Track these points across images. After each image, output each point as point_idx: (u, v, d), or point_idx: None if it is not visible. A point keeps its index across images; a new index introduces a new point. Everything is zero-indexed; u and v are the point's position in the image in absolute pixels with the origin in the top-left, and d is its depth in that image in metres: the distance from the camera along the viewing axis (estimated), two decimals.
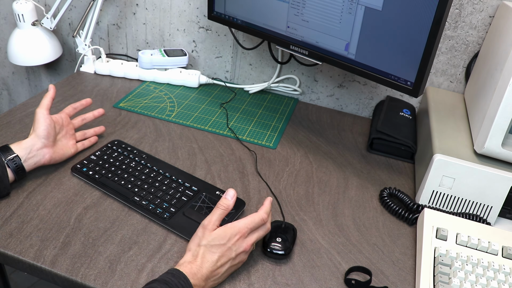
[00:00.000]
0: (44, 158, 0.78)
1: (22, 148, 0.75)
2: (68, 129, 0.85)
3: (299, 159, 0.94)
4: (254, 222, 0.65)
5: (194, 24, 1.20)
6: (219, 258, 0.62)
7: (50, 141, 0.79)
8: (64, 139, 0.84)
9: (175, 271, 0.59)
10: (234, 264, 0.64)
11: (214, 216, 0.65)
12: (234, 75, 1.24)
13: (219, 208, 0.66)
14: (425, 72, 0.75)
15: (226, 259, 0.62)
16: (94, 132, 0.92)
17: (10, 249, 0.66)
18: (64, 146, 0.83)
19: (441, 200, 0.81)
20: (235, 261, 0.64)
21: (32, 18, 1.19)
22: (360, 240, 0.75)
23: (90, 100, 0.91)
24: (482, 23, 0.96)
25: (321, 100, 1.19)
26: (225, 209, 0.66)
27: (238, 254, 0.64)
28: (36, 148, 0.77)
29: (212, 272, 0.61)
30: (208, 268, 0.61)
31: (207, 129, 1.01)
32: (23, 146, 0.76)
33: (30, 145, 0.76)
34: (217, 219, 0.65)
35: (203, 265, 0.61)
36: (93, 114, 0.92)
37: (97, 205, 0.76)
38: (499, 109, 0.73)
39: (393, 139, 0.95)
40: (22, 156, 0.75)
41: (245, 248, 0.64)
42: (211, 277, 0.61)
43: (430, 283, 0.65)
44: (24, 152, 0.75)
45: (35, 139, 0.77)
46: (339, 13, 0.83)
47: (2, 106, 1.63)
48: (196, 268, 0.60)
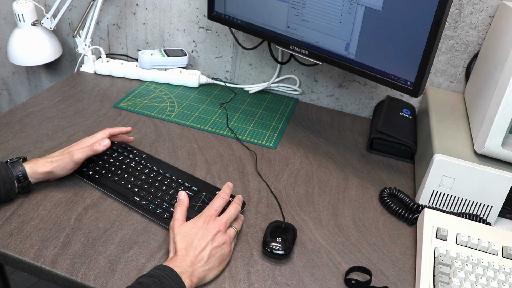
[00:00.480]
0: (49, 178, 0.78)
1: (35, 177, 0.74)
2: None
3: (299, 159, 0.94)
4: (216, 204, 0.70)
5: (194, 24, 1.20)
6: (197, 243, 0.64)
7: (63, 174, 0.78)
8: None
9: (160, 265, 0.61)
10: (215, 245, 0.65)
11: (176, 214, 0.69)
12: (234, 75, 1.24)
13: (177, 206, 0.71)
14: (425, 72, 0.75)
15: (204, 242, 0.64)
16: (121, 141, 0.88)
17: (10, 249, 0.66)
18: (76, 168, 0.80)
19: (441, 200, 0.81)
20: (216, 242, 0.65)
21: (32, 18, 1.19)
22: (360, 240, 0.75)
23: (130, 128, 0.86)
24: (482, 23, 0.96)
25: (321, 100, 1.19)
26: (182, 204, 0.71)
27: (215, 235, 0.65)
28: (49, 178, 0.77)
29: (195, 258, 0.63)
30: (189, 254, 0.63)
31: (207, 129, 1.01)
32: (37, 174, 0.74)
33: (44, 176, 0.76)
34: (179, 215, 0.69)
35: (184, 254, 0.63)
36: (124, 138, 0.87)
37: (97, 205, 0.76)
38: (499, 109, 0.73)
39: (393, 139, 0.95)
40: (33, 182, 0.75)
41: (219, 228, 0.66)
42: (197, 262, 0.62)
43: (430, 283, 0.65)
44: (35, 180, 0.75)
45: (52, 174, 0.76)
46: (339, 13, 0.83)
47: (2, 106, 1.63)
48: (180, 258, 0.62)
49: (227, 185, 0.75)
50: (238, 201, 0.73)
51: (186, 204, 0.71)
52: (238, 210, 0.72)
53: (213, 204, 0.70)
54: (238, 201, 0.73)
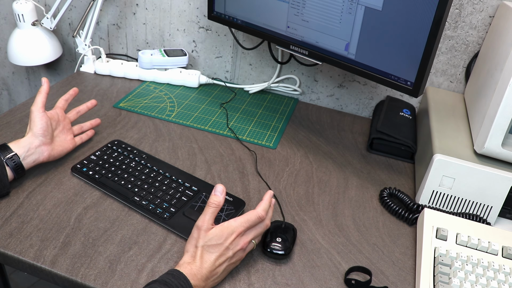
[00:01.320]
0: (43, 155, 0.78)
1: (20, 147, 0.75)
2: (64, 124, 0.85)
3: (299, 159, 0.94)
4: (251, 221, 0.65)
5: (194, 24, 1.20)
6: (217, 258, 0.62)
7: (47, 139, 0.79)
8: (62, 135, 0.84)
9: (175, 271, 0.59)
10: (232, 262, 0.64)
11: (207, 216, 0.64)
12: (234, 75, 1.24)
13: (210, 206, 0.65)
14: (425, 72, 0.75)
15: (224, 258, 0.62)
16: (91, 125, 0.92)
17: (10, 249, 0.66)
18: (62, 142, 0.83)
19: (441, 200, 0.81)
20: (233, 260, 0.64)
21: (32, 18, 1.19)
22: (360, 240, 0.75)
23: (76, 89, 0.90)
24: (482, 23, 0.96)
25: (321, 100, 1.19)
26: (217, 206, 0.65)
27: (236, 252, 0.64)
28: (34, 146, 0.77)
29: (211, 272, 0.61)
30: (207, 268, 0.61)
31: (207, 129, 1.01)
32: (21, 144, 0.76)
33: (28, 143, 0.76)
34: (210, 218, 0.64)
35: (202, 266, 0.61)
36: (86, 106, 0.92)
37: (97, 205, 0.76)
38: (499, 109, 0.73)
39: (393, 139, 0.95)
40: (20, 155, 0.75)
41: (242, 246, 0.64)
42: (211, 277, 0.61)
43: (430, 283, 0.65)
44: (22, 150, 0.75)
45: (32, 138, 0.77)
46: (339, 13, 0.83)
47: (2, 106, 1.63)
48: (196, 269, 0.60)
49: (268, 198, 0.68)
50: (269, 217, 0.68)
51: (220, 206, 0.65)
52: (266, 228, 0.68)
53: (248, 220, 0.64)
54: (269, 216, 0.68)
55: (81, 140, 0.89)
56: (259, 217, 0.65)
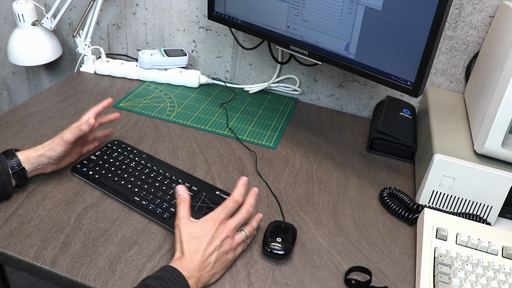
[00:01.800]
0: (46, 170, 0.79)
1: (30, 163, 0.75)
2: (82, 141, 0.84)
3: (299, 159, 0.94)
4: (228, 207, 0.67)
5: (194, 24, 1.20)
6: (206, 248, 0.63)
7: (57, 161, 0.79)
8: (75, 148, 0.83)
9: (168, 267, 0.60)
10: (222, 251, 0.64)
11: (180, 213, 0.67)
12: (234, 75, 1.24)
13: (179, 204, 0.68)
14: (425, 72, 0.75)
15: (212, 247, 0.63)
16: (103, 135, 0.89)
17: (10, 249, 0.66)
18: (70, 158, 0.82)
19: (441, 200, 0.81)
20: (222, 248, 0.64)
21: (32, 18, 1.19)
22: (360, 240, 0.75)
23: (111, 99, 0.84)
24: (482, 23, 0.96)
25: (321, 100, 1.19)
26: (184, 201, 0.68)
27: (223, 240, 0.64)
28: (43, 164, 0.77)
29: (203, 263, 0.62)
30: (197, 259, 0.62)
31: (207, 129, 1.01)
32: (30, 160, 0.75)
33: (37, 160, 0.76)
34: (184, 213, 0.67)
35: (192, 257, 0.62)
36: (109, 119, 0.86)
37: (97, 205, 0.76)
38: (499, 109, 0.73)
39: (393, 139, 0.95)
40: (28, 169, 0.75)
41: (228, 234, 0.65)
42: (204, 267, 0.62)
43: (430, 283, 0.65)
44: (30, 166, 0.75)
45: (44, 157, 0.76)
46: (339, 13, 0.83)
47: (2, 106, 1.63)
48: (187, 262, 0.61)
49: (242, 183, 0.70)
50: (251, 203, 0.70)
51: (188, 200, 0.69)
52: (250, 213, 0.69)
53: (224, 206, 0.67)
54: (250, 202, 0.70)
55: (87, 150, 0.87)
56: (235, 201, 0.68)
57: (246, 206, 0.69)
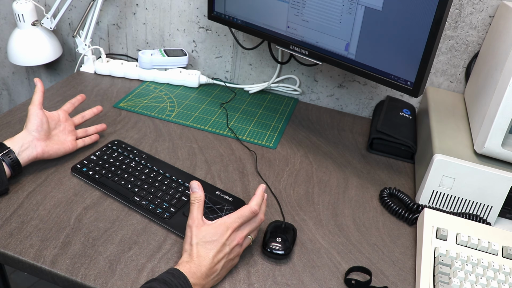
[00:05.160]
0: (36, 150, 0.78)
1: (15, 142, 0.77)
2: (66, 125, 0.86)
3: (299, 159, 0.94)
4: (244, 216, 0.65)
5: (194, 24, 1.20)
6: (215, 254, 0.62)
7: (41, 135, 0.79)
8: (62, 135, 0.84)
9: (175, 270, 0.59)
10: (230, 258, 0.64)
11: (194, 213, 0.65)
12: (234, 75, 1.24)
13: (193, 203, 0.66)
14: (425, 72, 0.75)
15: (222, 254, 0.63)
16: (96, 130, 0.92)
17: (10, 249, 0.66)
18: (60, 141, 0.83)
19: (441, 200, 0.81)
20: (231, 255, 0.64)
21: (32, 18, 1.19)
22: (360, 240, 0.75)
23: (83, 95, 0.93)
24: (482, 23, 0.96)
25: (321, 100, 1.19)
26: (199, 201, 0.66)
27: (232, 248, 0.64)
28: (28, 141, 0.78)
29: (210, 270, 0.61)
30: (206, 265, 0.61)
31: (207, 129, 1.01)
32: (15, 140, 0.77)
33: (21, 138, 0.77)
34: (197, 214, 0.65)
35: (201, 263, 0.61)
36: (92, 112, 0.93)
37: (97, 205, 0.76)
38: (499, 109, 0.73)
39: (393, 139, 0.95)
40: (15, 150, 0.76)
41: (238, 242, 0.65)
42: (211, 274, 0.61)
43: (430, 283, 0.65)
44: (16, 146, 0.76)
45: (25, 133, 0.78)
46: (339, 13, 0.83)
47: (2, 106, 1.63)
48: (195, 267, 0.60)
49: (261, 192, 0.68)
50: (263, 211, 0.69)
51: (203, 199, 0.67)
52: (262, 222, 0.69)
53: (241, 215, 0.65)
54: (263, 210, 0.69)
55: (83, 143, 0.88)
56: (253, 211, 0.66)
57: (260, 215, 0.68)
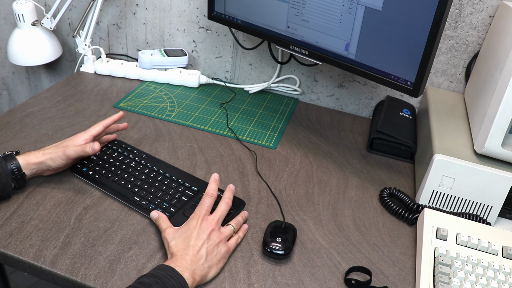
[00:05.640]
0: (45, 174, 0.79)
1: (29, 168, 0.74)
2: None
3: (299, 159, 0.94)
4: (205, 203, 0.70)
5: (194, 24, 1.20)
6: (194, 243, 0.65)
7: (56, 170, 0.79)
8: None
9: (161, 265, 0.61)
10: (211, 243, 0.65)
11: (162, 225, 0.69)
12: (234, 75, 1.24)
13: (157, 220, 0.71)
14: (425, 72, 0.75)
15: (200, 241, 0.65)
16: (106, 140, 0.89)
17: (10, 249, 0.66)
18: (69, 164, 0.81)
19: (441, 200, 0.81)
20: (211, 241, 0.66)
21: (32, 18, 1.19)
22: (360, 240, 0.75)
23: (122, 113, 0.86)
24: (482, 23, 0.96)
25: (321, 100, 1.19)
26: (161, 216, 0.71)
27: (209, 234, 0.66)
28: (41, 169, 0.77)
29: (194, 256, 0.63)
30: (188, 254, 0.63)
31: (207, 129, 1.01)
32: (30, 165, 0.74)
33: (37, 167, 0.75)
34: (166, 225, 0.69)
35: (183, 254, 0.63)
36: (117, 127, 0.89)
37: (97, 205, 0.76)
38: (499, 109, 0.73)
39: (393, 139, 0.95)
40: (27, 174, 0.75)
41: (212, 227, 0.67)
42: (197, 260, 0.63)
43: (430, 283, 0.65)
44: (29, 172, 0.75)
45: (43, 165, 0.76)
46: (339, 13, 0.83)
47: (2, 106, 1.63)
48: (179, 258, 0.62)
49: (212, 180, 0.74)
50: (228, 196, 0.73)
51: (163, 215, 0.71)
52: (229, 205, 0.72)
53: (202, 203, 0.70)
54: (228, 195, 0.73)
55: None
56: (210, 195, 0.71)
57: (224, 199, 0.72)
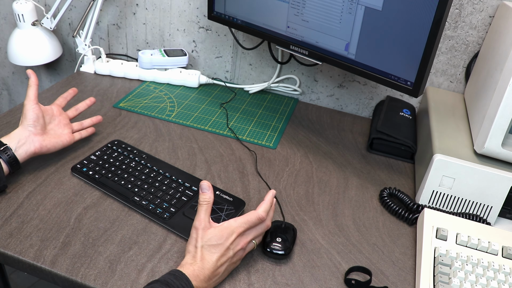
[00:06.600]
0: (34, 145, 0.78)
1: (11, 139, 0.76)
2: (61, 119, 0.86)
3: (299, 159, 0.94)
4: (251, 221, 0.65)
5: (194, 24, 1.20)
6: (219, 258, 0.62)
7: (38, 129, 0.79)
8: (58, 128, 0.84)
9: (177, 272, 0.59)
10: (232, 262, 0.64)
11: (201, 214, 0.64)
12: (234, 75, 1.24)
13: (202, 205, 0.65)
14: (425, 72, 0.75)
15: (225, 258, 0.62)
16: (91, 122, 0.92)
17: (10, 249, 0.66)
18: (56, 135, 0.83)
19: (441, 200, 0.81)
20: (234, 259, 0.64)
21: (32, 18, 1.19)
22: (360, 240, 0.75)
23: (75, 89, 0.93)
24: (482, 23, 0.96)
25: (321, 100, 1.19)
26: (208, 203, 0.65)
27: (236, 252, 0.64)
28: (25, 137, 0.78)
29: (213, 273, 0.61)
30: (209, 268, 0.61)
31: (207, 129, 1.01)
32: (11, 137, 0.77)
33: (17, 134, 0.77)
34: (205, 216, 0.64)
35: (204, 266, 0.61)
36: (85, 104, 0.93)
37: (97, 205, 0.76)
38: (499, 109, 0.73)
39: (393, 139, 0.95)
40: (12, 146, 0.75)
41: (242, 246, 0.64)
42: (213, 277, 0.61)
43: (430, 283, 0.65)
44: (13, 142, 0.76)
45: (22, 129, 0.78)
46: (339, 13, 0.83)
47: (2, 106, 1.63)
48: (198, 270, 0.60)
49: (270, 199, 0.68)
50: (271, 217, 0.69)
51: (211, 202, 0.66)
52: (268, 228, 0.69)
53: (248, 220, 0.65)
54: (270, 217, 0.69)
55: (80, 136, 0.88)
56: (260, 218, 0.66)
57: (266, 221, 0.68)
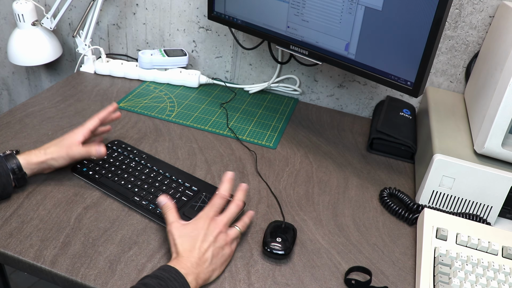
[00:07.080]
0: (45, 172, 0.79)
1: (30, 168, 0.75)
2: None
3: (299, 159, 0.94)
4: (216, 204, 0.68)
5: (194, 24, 1.20)
6: (200, 245, 0.64)
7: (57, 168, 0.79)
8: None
9: (165, 266, 0.60)
10: (217, 246, 0.65)
11: (169, 219, 0.67)
12: (234, 75, 1.24)
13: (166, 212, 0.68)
14: (425, 72, 0.75)
15: (207, 243, 0.64)
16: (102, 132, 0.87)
17: (10, 249, 0.66)
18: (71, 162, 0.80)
19: (441, 200, 0.81)
20: (217, 244, 0.65)
21: (32, 18, 1.19)
22: (360, 240, 0.75)
23: (116, 104, 0.85)
24: (482, 23, 0.96)
25: (321, 100, 1.19)
26: (170, 208, 0.68)
27: (216, 236, 0.65)
28: (42, 168, 0.77)
29: (200, 259, 0.62)
30: (194, 256, 0.62)
31: (207, 129, 1.01)
32: (31, 164, 0.74)
33: (38, 166, 0.76)
34: (173, 218, 0.67)
35: (189, 255, 0.62)
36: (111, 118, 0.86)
37: (97, 205, 0.76)
38: (499, 109, 0.73)
39: (393, 139, 0.95)
40: (28, 174, 0.75)
41: (220, 229, 0.66)
42: (201, 263, 0.62)
43: (430, 283, 0.65)
44: (30, 171, 0.75)
45: (45, 164, 0.76)
46: (339, 13, 0.83)
47: (2, 106, 1.63)
48: (184, 260, 0.62)
49: (226, 179, 0.72)
50: (240, 198, 0.71)
51: (173, 206, 0.69)
52: (240, 208, 0.71)
53: (212, 204, 0.69)
54: (240, 197, 0.71)
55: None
56: (222, 197, 0.69)
57: (235, 201, 0.71)
